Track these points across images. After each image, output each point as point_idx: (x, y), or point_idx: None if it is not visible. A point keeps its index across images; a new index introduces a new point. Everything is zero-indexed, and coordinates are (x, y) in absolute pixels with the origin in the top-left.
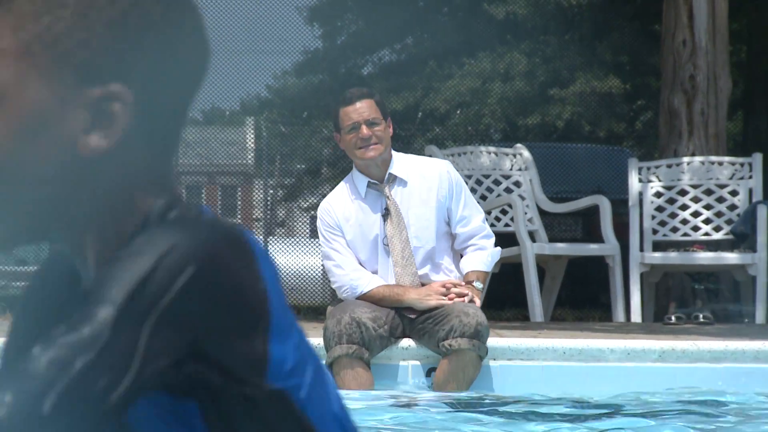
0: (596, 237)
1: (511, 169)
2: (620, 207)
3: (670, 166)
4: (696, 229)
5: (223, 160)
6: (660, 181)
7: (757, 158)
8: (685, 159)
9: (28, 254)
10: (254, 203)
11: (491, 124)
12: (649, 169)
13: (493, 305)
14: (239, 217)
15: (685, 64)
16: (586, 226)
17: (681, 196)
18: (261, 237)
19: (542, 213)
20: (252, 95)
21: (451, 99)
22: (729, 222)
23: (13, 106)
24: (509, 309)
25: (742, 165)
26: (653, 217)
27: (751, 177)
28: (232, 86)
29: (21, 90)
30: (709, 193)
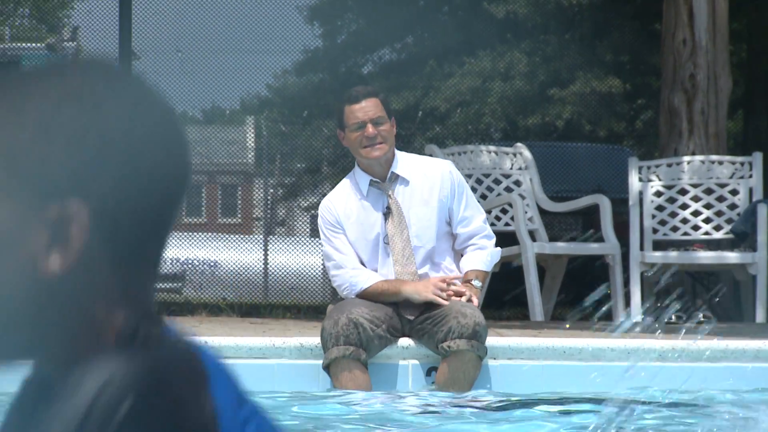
0: (596, 236)
1: (511, 168)
2: (620, 206)
3: (670, 165)
4: (696, 228)
5: (224, 159)
6: (660, 180)
7: (757, 157)
8: (686, 158)
9: None
10: (254, 202)
11: (491, 123)
12: (649, 168)
13: (492, 305)
14: (239, 216)
15: (685, 64)
16: (587, 225)
17: (681, 195)
18: (261, 236)
19: (542, 212)
20: (252, 94)
21: (452, 98)
22: (729, 221)
23: None
24: (509, 308)
25: (743, 164)
26: (653, 217)
27: (751, 176)
28: (232, 85)
29: None
30: (709, 192)
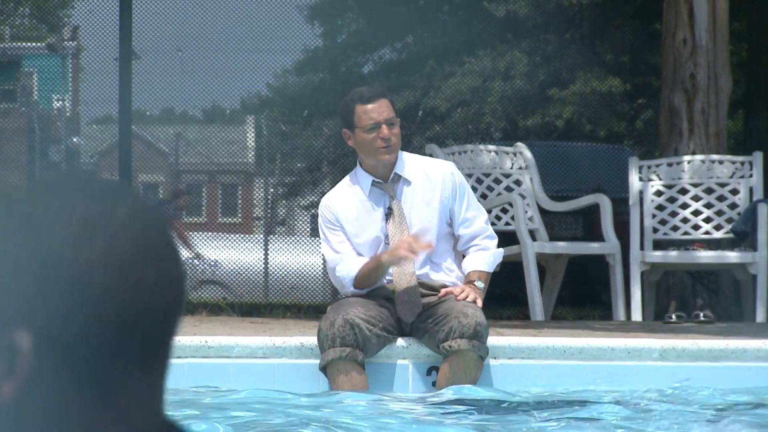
0: (597, 235)
1: (511, 168)
2: (621, 205)
3: (670, 165)
4: (696, 227)
5: (224, 159)
6: (660, 179)
7: (758, 157)
8: (686, 158)
9: None
10: (255, 202)
11: (492, 123)
12: (649, 167)
13: (493, 304)
14: (240, 215)
15: (685, 63)
16: (587, 224)
17: (681, 194)
18: (262, 236)
19: (543, 212)
20: (252, 94)
21: (452, 97)
22: (729, 221)
23: None
24: (510, 308)
25: (743, 163)
26: (654, 216)
27: (751, 175)
28: (232, 85)
29: None
30: (709, 191)
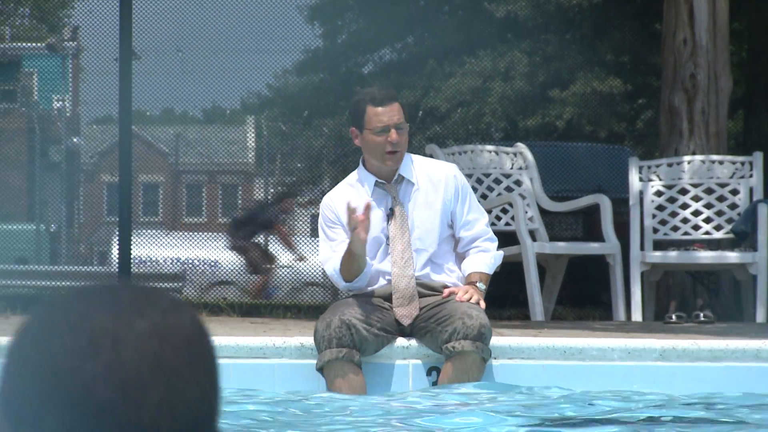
0: (597, 236)
1: (511, 168)
2: (621, 206)
3: (670, 165)
4: (696, 228)
5: (224, 159)
6: (660, 179)
7: (758, 157)
8: (686, 158)
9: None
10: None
11: (492, 123)
12: (649, 167)
13: (493, 304)
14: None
15: (685, 63)
16: (587, 225)
17: (681, 194)
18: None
19: (543, 212)
20: (253, 94)
21: (452, 98)
22: (729, 221)
23: None
24: (510, 308)
25: (743, 164)
26: (654, 216)
27: (751, 176)
28: (232, 85)
29: None
30: (709, 191)
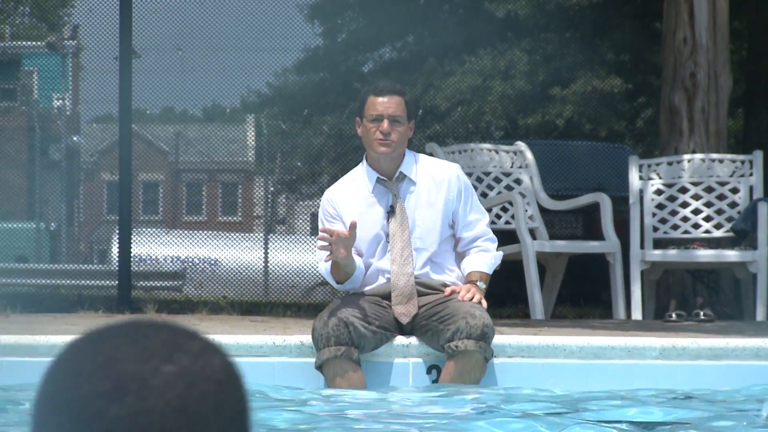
0: (597, 234)
1: (511, 167)
2: (621, 204)
3: (670, 164)
4: (696, 226)
5: (224, 158)
6: (660, 178)
7: (758, 155)
8: (686, 156)
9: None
10: (255, 201)
11: (492, 122)
12: (649, 166)
13: (493, 303)
14: (240, 214)
15: (685, 62)
16: (587, 223)
17: (681, 193)
18: (262, 234)
19: (543, 210)
20: (253, 92)
21: (452, 96)
22: (729, 219)
23: None
24: (510, 306)
25: (743, 162)
26: (654, 215)
27: (751, 174)
28: (232, 83)
29: None
30: (709, 190)
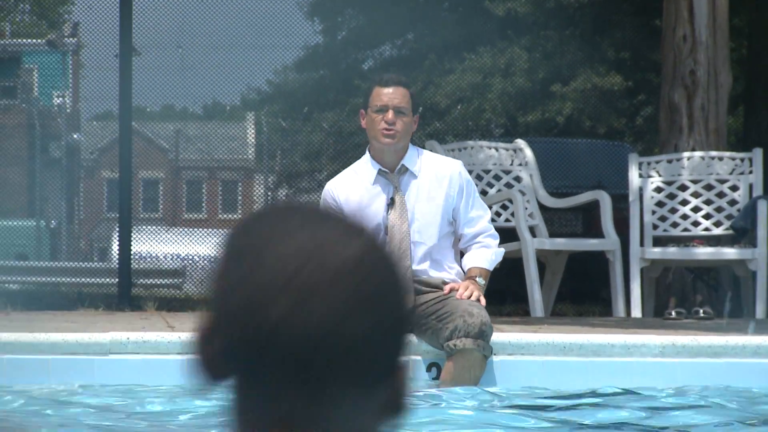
0: (596, 232)
1: (511, 165)
2: (620, 202)
3: (670, 162)
4: (696, 224)
5: (224, 155)
6: (660, 176)
7: (758, 153)
8: (686, 154)
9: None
10: (255, 198)
11: (492, 119)
12: (649, 164)
13: (493, 300)
14: (240, 212)
15: (685, 60)
16: (587, 221)
17: (681, 191)
18: None
19: (542, 208)
20: (253, 90)
21: (452, 94)
22: (729, 217)
23: None
24: (509, 304)
25: (743, 160)
26: (653, 212)
27: (751, 172)
28: (232, 81)
29: None
30: (709, 188)
